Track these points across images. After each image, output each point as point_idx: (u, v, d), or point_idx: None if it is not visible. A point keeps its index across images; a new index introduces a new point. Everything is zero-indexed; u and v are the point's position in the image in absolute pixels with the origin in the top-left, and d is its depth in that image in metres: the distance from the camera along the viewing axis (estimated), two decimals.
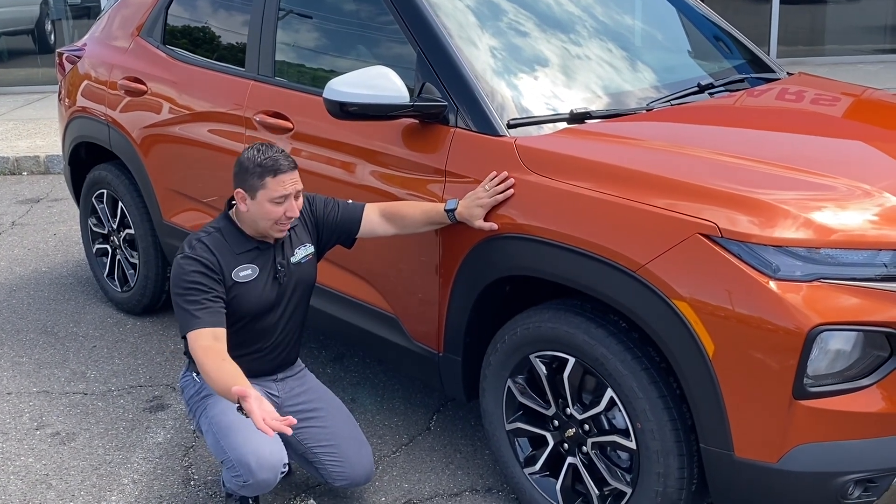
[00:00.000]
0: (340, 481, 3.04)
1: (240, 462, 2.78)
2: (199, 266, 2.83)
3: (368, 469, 3.06)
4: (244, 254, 2.92)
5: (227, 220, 2.97)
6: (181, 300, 2.83)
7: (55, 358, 4.35)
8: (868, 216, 2.48)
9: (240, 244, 2.92)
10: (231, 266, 2.88)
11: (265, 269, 2.94)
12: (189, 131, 4.02)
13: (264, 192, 2.82)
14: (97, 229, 4.94)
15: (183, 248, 2.89)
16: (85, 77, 4.76)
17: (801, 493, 2.45)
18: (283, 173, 2.82)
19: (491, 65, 3.15)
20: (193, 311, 2.80)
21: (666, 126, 3.12)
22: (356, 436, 3.08)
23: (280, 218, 2.85)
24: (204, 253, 2.85)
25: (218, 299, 2.83)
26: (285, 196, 2.83)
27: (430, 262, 3.08)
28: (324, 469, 3.03)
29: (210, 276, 2.83)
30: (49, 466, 3.46)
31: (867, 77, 9.24)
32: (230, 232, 2.93)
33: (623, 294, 2.56)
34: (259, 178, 2.82)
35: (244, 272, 2.90)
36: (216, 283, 2.84)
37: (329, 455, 3.01)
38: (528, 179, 2.80)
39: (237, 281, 2.88)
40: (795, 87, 3.66)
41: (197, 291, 2.81)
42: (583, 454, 2.84)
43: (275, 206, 2.83)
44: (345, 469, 3.01)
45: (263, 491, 2.88)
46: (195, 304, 2.80)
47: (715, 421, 2.45)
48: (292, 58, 3.74)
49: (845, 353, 2.38)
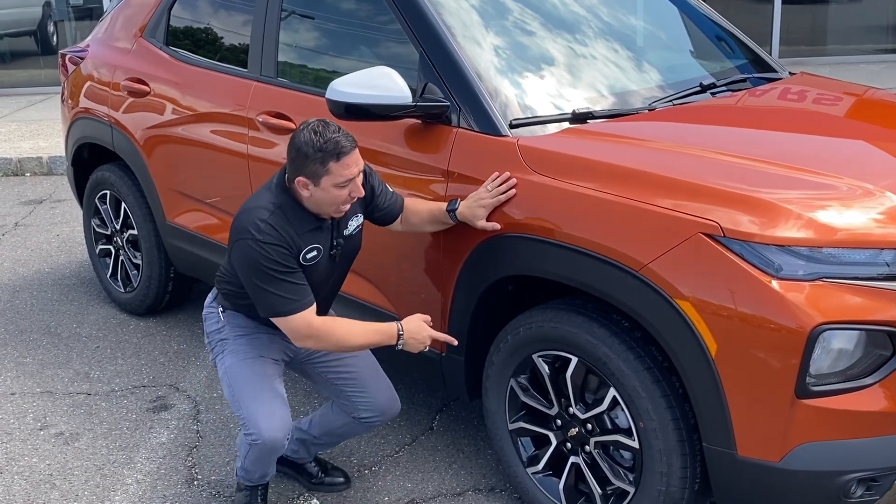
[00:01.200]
0: (366, 412, 3.02)
1: (251, 420, 2.80)
2: (281, 250, 2.67)
3: (392, 398, 3.05)
4: (308, 233, 2.76)
5: (287, 194, 2.76)
6: (268, 285, 2.69)
7: (58, 358, 4.36)
8: (870, 215, 2.49)
9: (303, 223, 2.75)
10: (300, 248, 2.74)
11: (325, 248, 2.83)
12: (192, 132, 4.03)
13: (329, 178, 2.65)
14: (100, 230, 4.95)
15: (248, 231, 2.67)
16: (88, 78, 4.77)
17: (804, 492, 2.45)
18: (346, 155, 2.64)
19: (493, 65, 3.15)
20: (289, 296, 2.70)
21: (668, 126, 3.13)
22: (375, 368, 3.07)
23: (346, 200, 2.74)
24: (277, 236, 2.68)
25: (303, 278, 2.75)
26: (350, 179, 2.69)
27: (433, 262, 3.09)
28: (347, 402, 3.03)
29: (291, 254, 2.71)
30: (53, 466, 3.46)
31: (869, 77, 9.24)
32: (292, 209, 2.74)
33: (625, 293, 2.56)
34: (321, 163, 2.63)
35: (310, 254, 2.77)
36: (297, 262, 2.73)
37: (350, 387, 3.01)
38: (530, 179, 2.81)
39: (304, 264, 2.77)
40: (797, 86, 3.66)
41: (287, 274, 2.69)
42: (585, 453, 2.85)
43: (341, 190, 2.69)
44: (368, 398, 3.00)
45: (273, 452, 2.88)
46: (290, 288, 2.70)
47: (717, 420, 2.45)
48: (295, 58, 3.75)
49: (847, 352, 2.38)
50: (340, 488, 3.26)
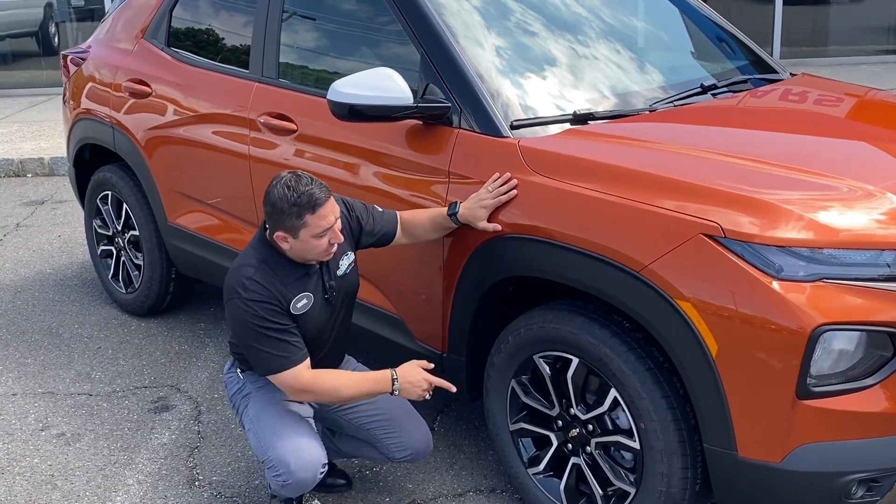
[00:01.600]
0: (400, 453, 2.99)
1: (280, 461, 2.77)
2: (266, 307, 2.72)
3: (426, 437, 3.01)
4: (296, 282, 2.80)
5: (268, 247, 2.81)
6: (258, 343, 2.74)
7: (60, 359, 4.37)
8: (871, 216, 2.49)
9: (289, 273, 2.79)
10: (287, 299, 2.79)
11: (317, 293, 2.86)
12: (193, 133, 4.03)
13: (306, 230, 2.69)
14: (102, 231, 4.95)
15: (235, 290, 2.74)
16: (89, 79, 4.77)
17: (805, 493, 2.45)
18: (321, 206, 2.68)
19: (494, 66, 3.16)
20: (278, 353, 2.74)
21: (669, 127, 3.13)
22: (406, 407, 3.04)
23: (326, 248, 2.77)
24: (263, 292, 2.74)
25: (294, 331, 2.78)
26: (327, 229, 2.73)
27: (434, 263, 3.09)
28: (380, 444, 2.99)
29: (280, 311, 2.75)
30: (54, 467, 3.47)
31: (870, 78, 9.24)
32: (276, 261, 2.79)
33: (626, 294, 2.57)
34: (298, 217, 2.67)
35: (300, 303, 2.80)
36: (286, 315, 2.77)
37: (383, 429, 2.98)
38: (531, 180, 2.81)
39: (295, 314, 2.80)
40: (798, 87, 3.66)
41: (275, 331, 2.73)
42: (586, 454, 2.85)
43: (319, 240, 2.73)
44: (402, 439, 2.97)
45: (303, 490, 2.87)
46: (278, 345, 2.74)
47: (718, 421, 2.45)
48: (296, 59, 3.76)
49: (848, 352, 2.38)
50: (341, 490, 3.26)
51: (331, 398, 2.84)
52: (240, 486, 3.31)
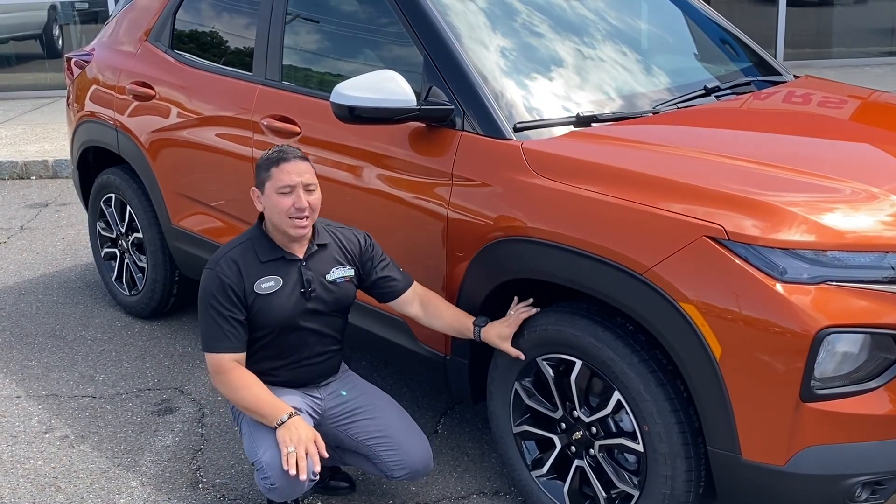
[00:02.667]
0: (399, 471, 2.97)
1: (269, 465, 2.77)
2: (227, 290, 2.85)
3: (425, 456, 2.99)
4: (269, 263, 2.91)
5: (258, 228, 2.98)
6: (204, 314, 2.89)
7: (63, 361, 4.37)
8: (875, 218, 2.49)
9: (266, 252, 2.92)
10: (254, 277, 2.88)
11: (290, 282, 2.91)
12: (197, 135, 4.04)
13: (270, 183, 2.86)
14: (105, 233, 4.96)
15: (215, 261, 2.91)
16: (93, 81, 4.78)
17: (809, 496, 2.45)
18: (286, 162, 2.86)
19: (497, 68, 3.15)
20: (214, 333, 2.86)
21: (672, 129, 3.13)
22: (408, 424, 3.04)
23: (289, 210, 2.84)
24: (233, 275, 2.86)
25: (237, 323, 2.86)
26: (291, 186, 2.84)
27: (438, 265, 3.09)
28: (380, 461, 2.98)
29: (235, 299, 2.85)
30: (58, 469, 3.47)
31: (874, 79, 9.22)
32: (259, 239, 2.94)
33: (630, 297, 2.56)
34: (266, 170, 2.88)
35: (266, 284, 2.89)
36: (235, 304, 2.85)
37: (382, 446, 2.96)
38: (534, 183, 2.81)
39: (259, 293, 2.88)
40: (802, 89, 3.66)
41: (218, 312, 2.85)
42: (590, 457, 2.84)
43: (282, 197, 2.84)
44: (401, 457, 2.95)
45: (291, 497, 2.87)
46: (216, 326, 2.86)
47: (722, 423, 2.45)
48: (299, 62, 3.76)
49: (852, 355, 2.38)
50: (345, 492, 3.26)
51: (231, 397, 2.90)
52: (243, 488, 3.31)
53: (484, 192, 2.93)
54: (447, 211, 3.01)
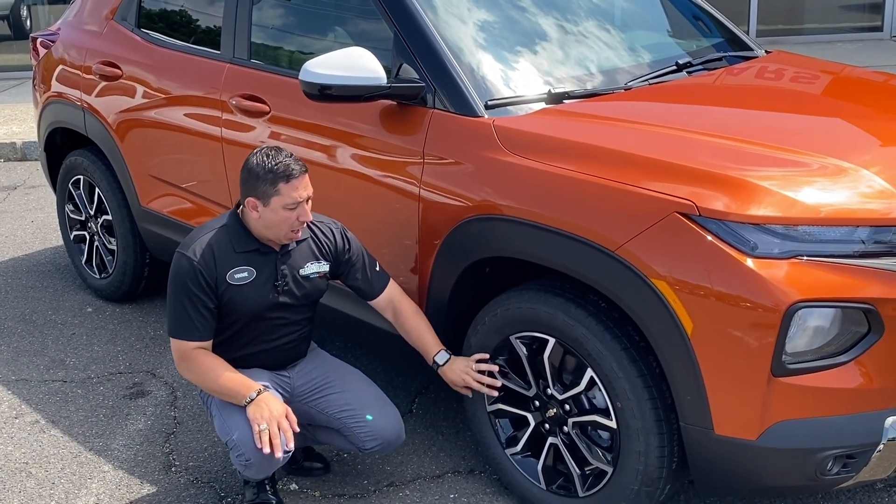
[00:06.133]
0: (370, 442, 2.96)
1: (242, 443, 2.76)
2: (192, 271, 2.80)
3: (397, 427, 2.99)
4: (244, 254, 2.87)
5: (235, 217, 2.91)
6: (173, 299, 2.85)
7: (33, 346, 4.32)
8: (846, 193, 2.49)
9: (241, 243, 2.87)
10: (227, 267, 2.84)
11: (263, 274, 2.88)
12: (165, 116, 3.98)
13: (278, 199, 2.77)
14: (74, 216, 4.89)
15: (188, 245, 2.85)
16: (59, 62, 4.70)
17: (781, 470, 2.46)
18: (295, 178, 2.77)
19: (468, 45, 3.13)
20: (182, 320, 2.83)
21: (644, 105, 3.11)
22: (378, 396, 3.04)
23: (294, 224, 2.82)
24: (206, 263, 2.81)
25: (206, 310, 2.83)
26: (299, 203, 2.79)
27: (411, 245, 3.07)
28: (351, 434, 2.97)
29: (206, 287, 2.81)
30: (29, 455, 3.43)
31: (845, 55, 9.26)
32: (234, 228, 2.89)
33: (602, 274, 2.56)
34: (272, 184, 2.76)
35: (239, 274, 2.85)
36: (206, 292, 2.82)
37: (353, 418, 2.95)
38: (506, 160, 2.79)
39: (231, 283, 2.84)
40: (774, 65, 3.66)
41: (188, 299, 2.81)
42: (564, 434, 2.84)
43: (289, 213, 2.79)
44: (372, 428, 2.94)
45: (266, 472, 2.88)
46: (185, 313, 2.83)
47: (694, 399, 2.45)
48: (268, 39, 3.70)
49: (823, 329, 2.39)
50: (319, 473, 3.24)
51: (197, 381, 2.88)
52: (216, 471, 3.29)
53: (456, 171, 2.91)
54: (419, 190, 2.98)
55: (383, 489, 3.17)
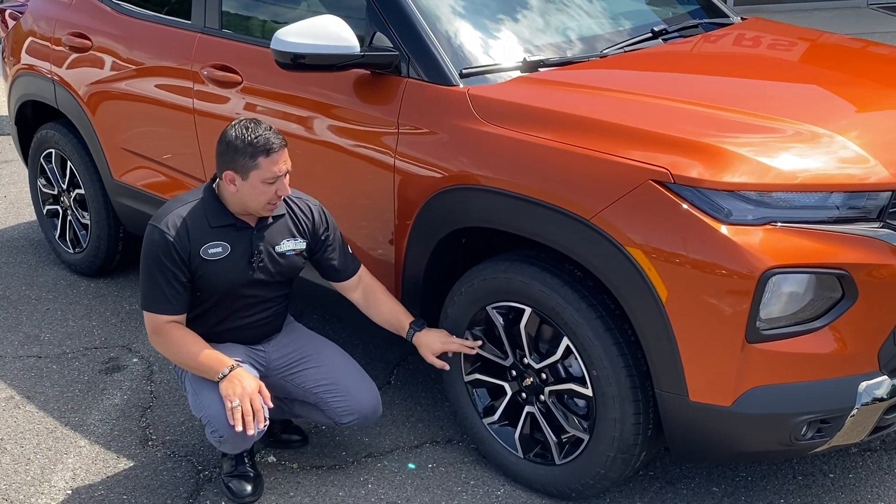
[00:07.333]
0: (347, 417, 2.95)
1: (216, 417, 2.75)
2: (165, 244, 2.76)
3: (374, 401, 2.98)
4: (218, 228, 2.82)
5: (210, 191, 2.86)
6: (146, 272, 2.82)
7: (7, 322, 4.28)
8: (820, 159, 2.49)
9: (216, 217, 2.82)
10: (201, 242, 2.80)
11: (238, 250, 2.85)
12: (136, 87, 3.92)
13: (257, 173, 2.72)
14: (47, 190, 4.83)
15: (161, 217, 2.80)
16: (28, 34, 4.62)
17: (756, 435, 2.48)
18: (275, 152, 2.72)
19: (442, 12, 3.09)
20: (155, 293, 2.81)
21: (619, 73, 3.09)
22: (355, 370, 3.02)
23: (272, 198, 2.78)
24: (180, 237, 2.77)
25: (179, 284, 2.80)
26: (278, 177, 2.75)
27: (387, 217, 3.05)
28: (328, 408, 2.95)
29: (178, 260, 2.77)
30: (4, 431, 3.41)
31: (823, 23, 9.25)
32: (210, 202, 2.84)
33: (577, 242, 2.55)
34: (251, 157, 2.71)
35: (214, 249, 2.81)
36: (179, 266, 2.78)
37: (330, 392, 2.94)
38: (481, 129, 2.77)
39: (204, 258, 2.80)
40: (750, 32, 3.65)
41: (161, 272, 2.79)
42: (540, 403, 2.85)
43: (267, 187, 2.75)
44: (349, 403, 2.93)
45: (241, 447, 2.87)
46: (157, 287, 2.80)
47: (669, 366, 2.46)
48: (239, 8, 3.65)
49: (798, 295, 2.39)
50: (298, 446, 3.24)
51: (170, 355, 2.87)
52: (193, 444, 3.28)
53: (430, 141, 2.89)
54: (395, 160, 2.96)
55: (361, 460, 3.17)
